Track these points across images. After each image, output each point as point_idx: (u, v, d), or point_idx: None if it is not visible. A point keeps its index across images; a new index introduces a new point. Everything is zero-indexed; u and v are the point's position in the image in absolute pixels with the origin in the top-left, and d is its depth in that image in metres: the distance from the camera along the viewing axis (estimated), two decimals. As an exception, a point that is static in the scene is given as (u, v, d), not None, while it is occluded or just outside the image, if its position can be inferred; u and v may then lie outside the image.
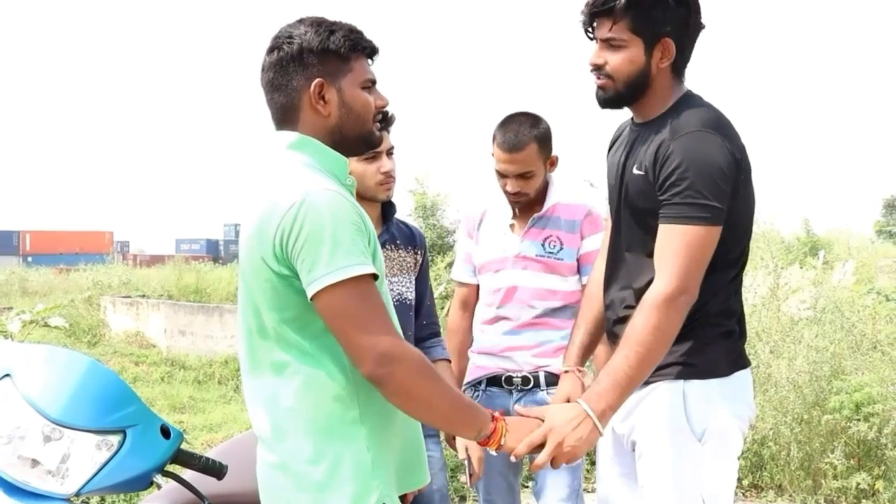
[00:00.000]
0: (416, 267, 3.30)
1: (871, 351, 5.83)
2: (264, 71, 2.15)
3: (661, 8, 2.47)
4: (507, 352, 3.46)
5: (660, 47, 2.51)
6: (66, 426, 2.14)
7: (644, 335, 2.34)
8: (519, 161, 3.35)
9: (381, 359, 1.93)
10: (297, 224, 1.93)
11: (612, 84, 2.55)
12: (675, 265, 2.38)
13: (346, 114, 2.13)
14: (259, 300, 2.04)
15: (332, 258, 1.92)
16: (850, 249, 14.96)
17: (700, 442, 2.49)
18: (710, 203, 2.39)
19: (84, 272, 21.36)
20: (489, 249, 3.56)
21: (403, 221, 3.36)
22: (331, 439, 2.02)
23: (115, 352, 13.37)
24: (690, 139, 2.44)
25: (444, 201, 17.75)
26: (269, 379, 2.07)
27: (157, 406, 9.29)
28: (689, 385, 2.50)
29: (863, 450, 5.37)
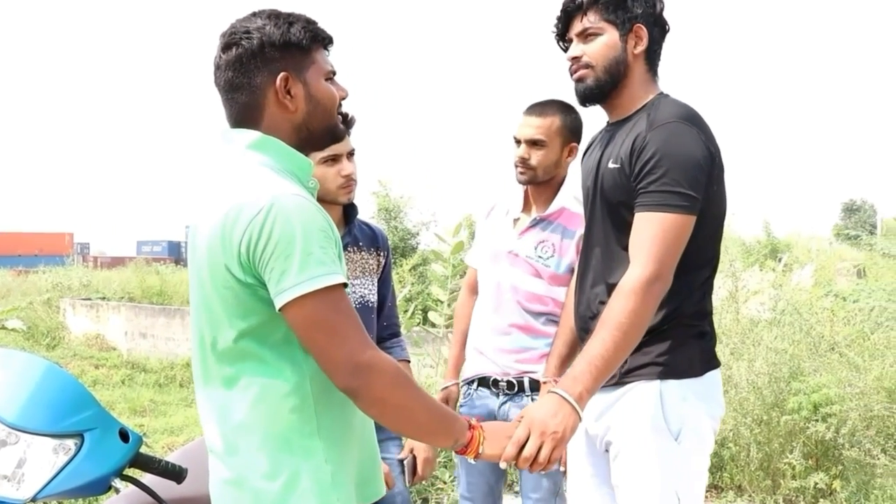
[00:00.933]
0: (378, 269, 3.29)
1: (829, 352, 5.89)
2: (221, 70, 2.03)
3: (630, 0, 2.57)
4: (494, 353, 3.46)
5: (633, 34, 2.59)
6: (22, 430, 2.11)
7: (621, 319, 2.35)
8: (535, 126, 3.35)
9: (356, 369, 1.86)
10: (266, 231, 1.83)
11: (591, 73, 2.60)
12: (652, 251, 2.40)
13: (313, 107, 2.04)
14: (217, 308, 1.95)
15: (303, 267, 1.83)
16: (810, 252, 15.13)
17: (676, 441, 2.51)
18: (687, 192, 2.42)
19: (43, 274, 21.09)
20: (490, 240, 3.56)
21: (365, 222, 3.34)
22: (288, 453, 1.94)
23: (75, 355, 13.24)
24: (667, 130, 2.48)
25: (406, 203, 17.79)
26: (221, 391, 1.99)
27: (117, 409, 9.21)
28: (666, 385, 2.53)
29: (821, 450, 5.43)
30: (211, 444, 2.05)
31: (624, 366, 2.53)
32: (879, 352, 5.78)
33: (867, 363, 5.53)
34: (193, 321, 2.06)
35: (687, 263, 2.50)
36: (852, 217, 46.56)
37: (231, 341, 1.95)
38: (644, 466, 2.52)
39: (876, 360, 5.56)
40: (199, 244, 1.99)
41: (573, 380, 2.30)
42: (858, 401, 5.23)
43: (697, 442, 2.55)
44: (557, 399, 2.26)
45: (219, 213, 1.91)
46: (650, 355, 2.53)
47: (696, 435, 2.54)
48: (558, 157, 3.40)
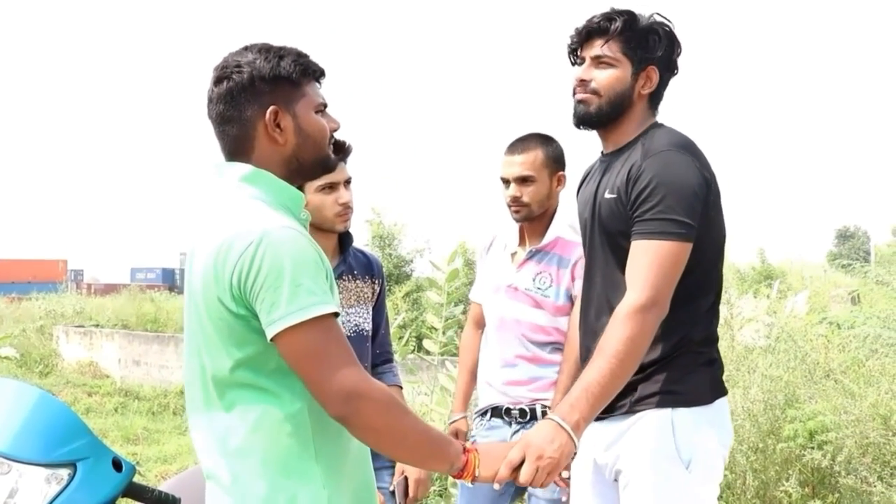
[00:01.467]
0: (373, 297, 3.28)
1: (825, 379, 5.88)
2: (213, 103, 2.06)
3: (653, 37, 2.59)
4: (505, 386, 3.48)
5: (645, 74, 2.61)
6: (15, 460, 2.10)
7: (617, 347, 2.36)
8: (519, 163, 3.38)
9: (348, 397, 1.88)
10: (256, 264, 1.87)
11: (596, 99, 2.61)
12: (648, 278, 2.41)
13: (302, 140, 2.06)
14: (213, 339, 1.97)
15: (293, 298, 1.86)
16: (804, 279, 15.15)
17: (687, 470, 2.51)
18: (683, 219, 2.43)
19: (36, 301, 21.06)
20: (490, 275, 3.60)
21: (360, 250, 3.34)
22: (286, 478, 1.96)
23: (68, 382, 13.20)
24: (662, 158, 2.50)
25: (400, 231, 17.81)
26: (221, 418, 1.99)
27: (110, 438, 9.16)
28: (677, 413, 2.53)
29: (817, 478, 5.41)
30: (209, 470, 2.06)
31: (634, 394, 2.54)
32: (874, 379, 5.77)
33: (862, 390, 5.51)
34: (189, 348, 2.06)
35: (692, 290, 2.52)
36: (846, 244, 46.70)
37: (228, 370, 1.96)
38: (655, 496, 2.52)
39: (871, 388, 5.55)
40: (194, 274, 2.01)
41: (570, 407, 2.30)
42: (854, 428, 5.21)
43: (707, 471, 2.55)
44: (554, 426, 2.26)
45: (212, 246, 1.94)
46: (660, 384, 2.53)
47: (706, 464, 2.54)
48: (549, 189, 3.43)
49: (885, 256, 15.89)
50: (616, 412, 2.57)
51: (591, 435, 2.68)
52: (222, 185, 2.06)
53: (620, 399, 2.53)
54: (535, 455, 2.20)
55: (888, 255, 15.75)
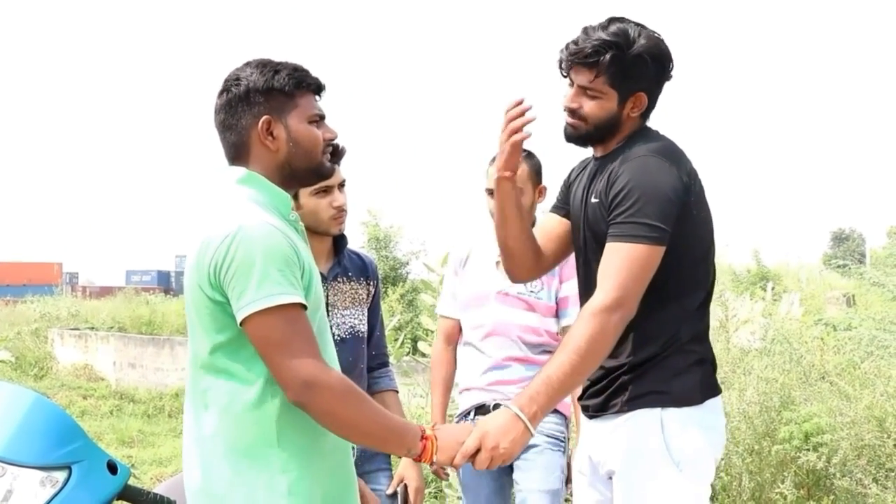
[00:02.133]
0: (368, 298, 3.28)
1: (820, 381, 5.89)
2: (216, 113, 2.26)
3: (640, 67, 2.60)
4: (492, 385, 3.52)
5: (633, 100, 2.64)
6: (10, 463, 2.10)
7: (580, 343, 2.41)
8: None
9: (305, 384, 2.02)
10: (230, 254, 2.04)
11: (583, 126, 2.66)
12: (617, 279, 2.45)
13: (293, 148, 2.22)
14: (196, 325, 2.14)
15: (260, 286, 2.02)
16: (799, 281, 15.19)
17: (678, 469, 2.53)
18: (655, 224, 2.47)
19: (31, 304, 21.03)
20: (473, 285, 3.66)
21: (355, 252, 3.34)
22: (249, 463, 2.09)
23: (63, 385, 13.19)
24: (637, 163, 2.55)
25: (396, 233, 17.80)
26: (198, 404, 2.15)
27: (105, 440, 9.15)
28: (667, 413, 2.56)
29: (812, 479, 5.42)
30: (186, 454, 2.21)
31: (626, 394, 2.58)
32: (870, 381, 5.77)
33: (858, 392, 5.52)
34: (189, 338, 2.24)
35: (679, 288, 2.57)
36: (841, 246, 46.74)
37: (207, 354, 2.12)
38: (644, 494, 2.54)
39: (866, 390, 5.56)
40: (185, 271, 2.19)
41: (529, 399, 2.37)
42: (849, 430, 5.22)
43: (698, 471, 2.57)
44: (512, 416, 2.34)
45: (199, 241, 2.12)
46: (651, 383, 2.56)
47: (697, 464, 2.57)
48: (532, 201, 3.55)
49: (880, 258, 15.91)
50: (609, 411, 2.61)
51: (588, 432, 2.73)
52: (221, 186, 2.24)
53: (613, 398, 2.60)
54: (491, 445, 2.30)
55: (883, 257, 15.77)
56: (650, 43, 2.60)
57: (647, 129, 2.70)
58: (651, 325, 2.55)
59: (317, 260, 3.09)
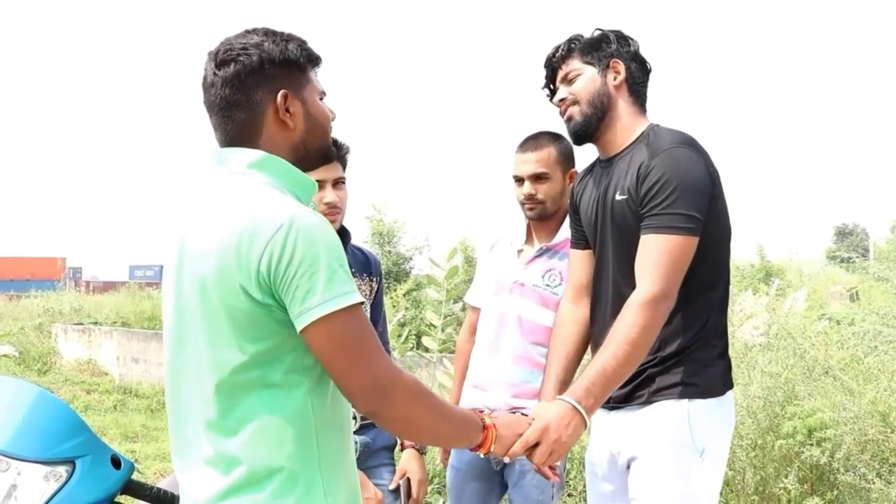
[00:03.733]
0: (371, 294, 3.27)
1: (824, 376, 5.88)
2: (216, 87, 1.97)
3: (604, 41, 2.76)
4: (492, 386, 3.44)
5: (610, 69, 2.73)
6: (13, 457, 2.10)
7: (631, 334, 2.45)
8: (534, 161, 3.38)
9: (382, 389, 1.84)
10: (289, 249, 1.78)
11: (577, 108, 2.74)
12: (660, 270, 2.50)
13: (311, 125, 2.02)
14: (226, 335, 1.85)
15: (330, 286, 1.79)
16: (803, 276, 15.14)
17: (701, 458, 2.62)
18: (691, 213, 2.53)
19: (35, 299, 21.05)
20: (494, 272, 3.57)
21: (359, 247, 3.33)
22: (290, 484, 1.87)
23: (67, 380, 13.20)
24: (670, 155, 2.59)
25: (400, 228, 17.81)
26: (211, 423, 1.90)
27: (108, 435, 9.16)
28: (694, 404, 2.63)
29: (816, 475, 5.41)
30: (192, 476, 1.96)
31: (653, 385, 2.65)
32: (873, 376, 5.77)
33: (861, 387, 5.52)
34: (185, 348, 1.95)
35: (703, 283, 2.64)
36: (844, 241, 46.68)
37: (238, 365, 1.85)
38: (666, 480, 2.62)
39: (870, 384, 5.55)
40: (192, 267, 1.90)
41: (586, 391, 2.41)
42: (853, 425, 5.22)
43: (717, 459, 2.68)
44: (570, 409, 2.36)
45: (229, 233, 1.84)
46: (679, 375, 2.63)
47: (716, 452, 2.66)
48: (562, 187, 3.43)
49: (884, 253, 15.88)
50: (634, 402, 2.68)
51: (606, 425, 2.78)
52: (224, 172, 1.97)
53: (638, 390, 2.67)
54: (553, 438, 2.31)
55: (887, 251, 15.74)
56: (609, 31, 2.79)
57: (657, 125, 2.75)
58: (679, 318, 2.62)
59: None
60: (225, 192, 1.93)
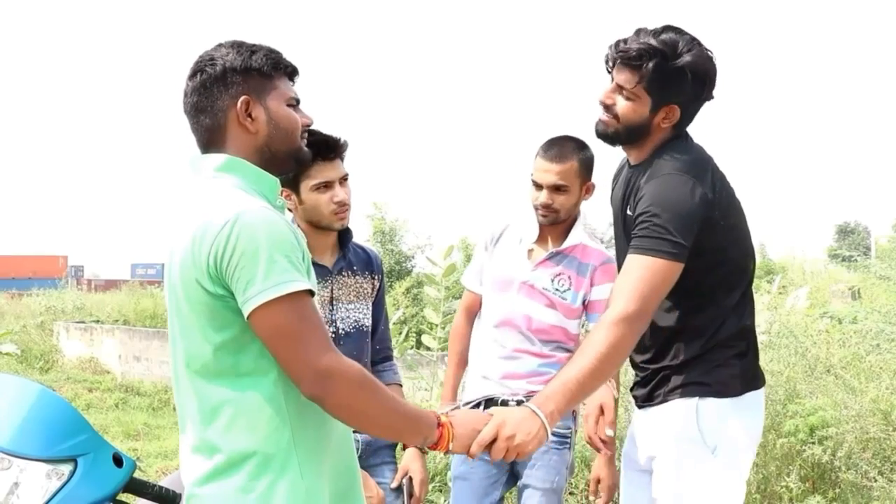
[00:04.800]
0: (373, 292, 3.27)
1: (825, 375, 5.88)
2: (187, 96, 2.13)
3: (679, 80, 2.65)
4: (502, 378, 3.47)
5: (665, 110, 2.69)
6: (16, 455, 2.10)
7: (600, 349, 2.47)
8: (556, 172, 3.38)
9: (321, 375, 1.91)
10: (231, 242, 1.91)
11: (614, 124, 2.74)
12: (636, 291, 2.52)
13: (273, 130, 2.12)
14: (192, 325, 2.00)
15: (268, 275, 1.90)
16: (805, 274, 15.15)
17: (713, 454, 2.64)
18: (676, 240, 2.55)
19: (37, 297, 21.04)
20: (500, 267, 3.57)
21: (360, 246, 3.33)
22: (264, 467, 1.98)
23: (68, 378, 13.19)
24: (660, 181, 2.63)
25: (402, 227, 17.81)
26: (194, 413, 2.03)
27: (110, 433, 9.16)
28: (703, 402, 2.67)
29: (817, 473, 5.41)
30: (187, 462, 2.08)
31: (668, 385, 2.71)
32: (875, 374, 5.77)
33: (863, 385, 5.51)
34: (172, 345, 2.10)
35: (714, 292, 2.69)
36: (846, 239, 46.64)
37: (208, 356, 1.99)
38: (678, 478, 2.66)
39: (872, 383, 5.55)
40: (173, 267, 2.04)
41: (546, 398, 2.43)
42: (855, 423, 5.21)
43: (733, 457, 2.68)
44: (530, 413, 2.38)
45: (188, 234, 1.98)
46: (691, 376, 2.68)
47: (732, 450, 2.67)
48: (578, 198, 3.45)
49: (886, 251, 15.88)
50: (653, 401, 2.75)
51: (636, 421, 2.89)
52: (199, 178, 2.11)
53: (656, 389, 2.74)
54: (507, 435, 2.31)
55: (888, 249, 15.74)
56: (696, 59, 2.65)
57: (679, 141, 2.75)
58: (691, 328, 2.69)
59: (322, 254, 3.10)
60: (197, 197, 2.06)
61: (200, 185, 2.09)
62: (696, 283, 2.64)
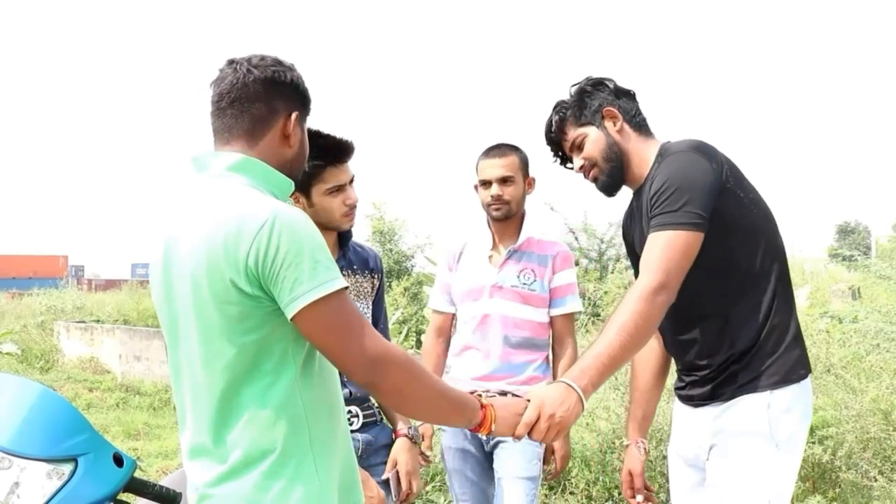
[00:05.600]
0: (372, 291, 3.29)
1: (825, 374, 5.89)
2: (247, 78, 2.13)
3: (584, 98, 2.90)
4: (480, 379, 3.60)
5: (607, 119, 2.88)
6: (16, 455, 2.10)
7: (629, 324, 2.52)
8: (502, 165, 3.67)
9: (375, 361, 1.96)
10: (274, 242, 1.91)
11: (597, 170, 2.90)
12: (659, 264, 2.58)
13: (300, 152, 2.23)
14: (217, 327, 1.98)
15: (314, 274, 1.92)
16: (805, 274, 15.14)
17: (777, 448, 2.66)
18: (691, 210, 2.61)
19: (37, 297, 21.04)
20: (468, 279, 3.77)
21: (359, 244, 3.34)
22: (281, 465, 2.00)
23: (69, 378, 13.18)
24: (670, 160, 2.72)
25: (401, 226, 17.77)
26: (216, 406, 2.02)
27: (111, 433, 9.16)
28: (774, 396, 2.68)
29: (818, 472, 5.42)
30: (194, 463, 2.09)
31: (736, 382, 2.72)
32: (875, 374, 5.77)
33: (863, 385, 5.52)
34: (181, 344, 2.09)
35: (753, 274, 2.72)
36: (846, 238, 46.61)
37: (231, 355, 1.99)
38: (744, 470, 2.67)
39: (872, 382, 5.55)
40: (182, 266, 2.03)
41: (581, 372, 2.48)
42: (855, 423, 5.22)
43: (794, 448, 2.71)
44: (566, 388, 2.43)
45: (214, 232, 1.96)
46: (758, 368, 2.70)
47: (794, 442, 2.70)
48: (523, 191, 3.73)
49: (886, 251, 15.88)
50: (718, 399, 2.76)
51: (690, 419, 2.87)
52: (205, 177, 2.11)
53: (722, 387, 2.74)
54: (548, 414, 2.38)
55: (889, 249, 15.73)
56: (581, 84, 2.94)
57: (668, 143, 2.86)
58: (740, 315, 2.71)
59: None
60: (206, 195, 2.06)
61: (206, 183, 2.09)
62: (734, 263, 2.70)
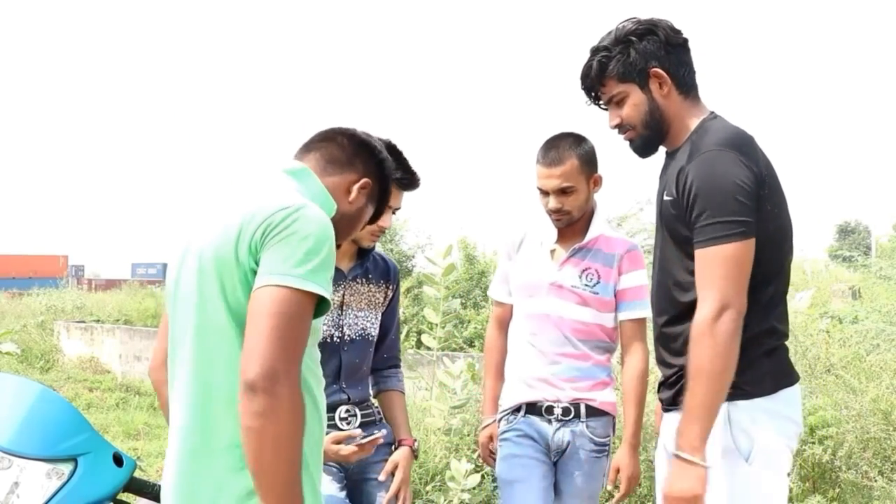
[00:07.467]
0: (384, 302, 3.27)
1: (825, 374, 5.88)
2: (346, 133, 2.31)
3: (631, 49, 2.63)
4: (543, 382, 3.43)
5: (653, 80, 2.64)
6: (16, 455, 2.11)
7: (700, 365, 2.42)
8: (558, 175, 3.35)
9: (273, 375, 1.81)
10: (286, 222, 1.93)
11: (634, 133, 2.70)
12: (712, 287, 2.45)
13: (355, 216, 2.29)
14: (213, 294, 1.97)
15: (301, 264, 1.89)
16: (806, 274, 15.16)
17: (747, 462, 2.54)
18: (733, 219, 2.45)
19: (37, 297, 21.04)
20: (526, 273, 3.54)
21: (381, 255, 3.32)
22: None
23: (69, 378, 13.17)
24: (704, 160, 2.52)
25: (402, 226, 17.78)
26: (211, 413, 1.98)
27: (111, 433, 9.16)
28: (734, 406, 2.54)
29: (818, 472, 5.41)
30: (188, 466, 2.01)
31: None
32: (875, 374, 5.77)
33: (863, 385, 5.51)
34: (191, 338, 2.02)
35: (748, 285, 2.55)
36: (847, 239, 46.59)
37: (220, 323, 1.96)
38: (715, 488, 2.52)
39: (872, 382, 5.55)
40: (200, 242, 2.03)
41: (683, 437, 2.42)
42: (855, 423, 5.21)
43: (769, 462, 2.56)
44: (678, 462, 2.41)
45: (241, 212, 1.99)
46: None
47: (767, 455, 2.56)
48: (587, 194, 3.41)
49: (886, 251, 15.88)
50: (679, 405, 2.60)
51: (663, 423, 2.77)
52: (256, 171, 2.20)
53: (680, 394, 2.58)
54: (676, 499, 2.40)
55: (889, 249, 15.74)
56: (628, 27, 2.66)
57: (711, 118, 2.67)
58: None
59: (340, 259, 3.09)
60: (250, 187, 2.12)
61: (255, 177, 2.16)
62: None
